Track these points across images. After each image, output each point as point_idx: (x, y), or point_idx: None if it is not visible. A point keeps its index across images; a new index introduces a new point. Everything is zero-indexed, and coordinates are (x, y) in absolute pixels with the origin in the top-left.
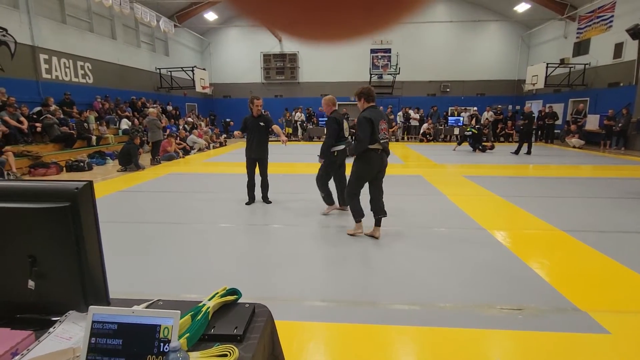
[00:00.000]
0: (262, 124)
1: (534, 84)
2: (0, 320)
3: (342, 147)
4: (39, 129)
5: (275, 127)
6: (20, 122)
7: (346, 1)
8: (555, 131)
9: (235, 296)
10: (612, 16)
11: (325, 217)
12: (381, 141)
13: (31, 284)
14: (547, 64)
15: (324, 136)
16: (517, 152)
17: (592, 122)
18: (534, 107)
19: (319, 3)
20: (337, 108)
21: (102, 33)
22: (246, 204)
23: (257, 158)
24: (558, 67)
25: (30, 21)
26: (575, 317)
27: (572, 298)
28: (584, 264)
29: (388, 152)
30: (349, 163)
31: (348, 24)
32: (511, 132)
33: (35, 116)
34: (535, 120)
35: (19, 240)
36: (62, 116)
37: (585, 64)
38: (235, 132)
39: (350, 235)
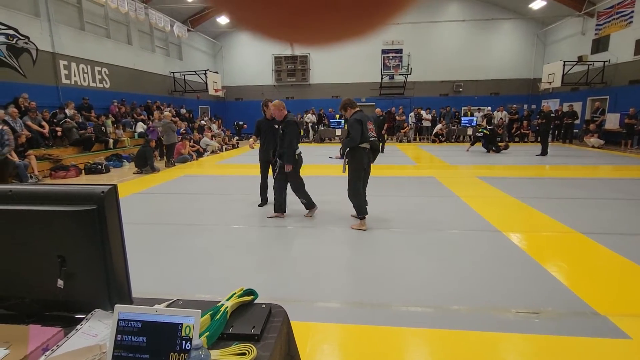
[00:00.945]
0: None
1: (550, 83)
2: (32, 317)
3: (299, 150)
4: (59, 133)
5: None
6: (42, 127)
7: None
8: (574, 130)
9: (252, 296)
10: (633, 12)
11: (337, 219)
12: (370, 139)
13: (60, 283)
14: (564, 61)
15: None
16: (543, 153)
17: (612, 121)
18: (551, 106)
19: (314, 6)
20: (287, 112)
21: (118, 39)
22: (259, 205)
23: (269, 160)
24: (576, 64)
25: (50, 29)
26: (594, 321)
27: (591, 302)
28: (603, 267)
29: (378, 149)
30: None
31: (346, 24)
32: (527, 132)
33: (55, 121)
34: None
35: (49, 241)
36: (80, 120)
37: (604, 61)
38: (250, 140)
39: (355, 229)
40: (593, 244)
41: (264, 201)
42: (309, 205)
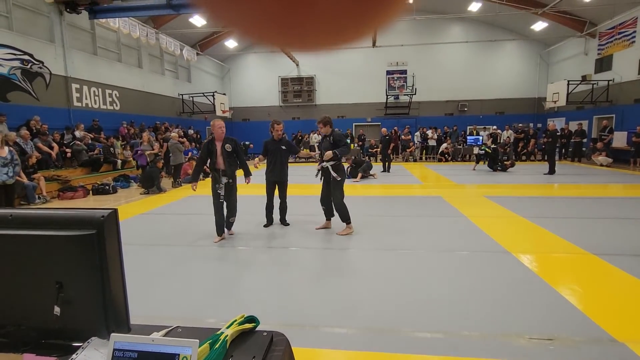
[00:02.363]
0: (283, 147)
1: (555, 102)
2: (27, 345)
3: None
4: (68, 155)
5: (303, 153)
6: (51, 148)
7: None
8: (582, 149)
9: (253, 324)
10: (635, 32)
11: (344, 240)
12: None
13: (57, 310)
14: (569, 81)
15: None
16: (551, 172)
17: (620, 139)
18: (557, 125)
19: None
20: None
21: (129, 63)
22: (264, 226)
23: (277, 180)
24: (580, 84)
25: (64, 54)
26: (612, 349)
27: (608, 328)
28: (619, 290)
29: None
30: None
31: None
32: (533, 150)
33: (65, 142)
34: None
35: (47, 266)
36: (90, 142)
37: (608, 80)
38: (256, 160)
39: (343, 235)
40: (607, 265)
41: (270, 222)
42: (227, 227)
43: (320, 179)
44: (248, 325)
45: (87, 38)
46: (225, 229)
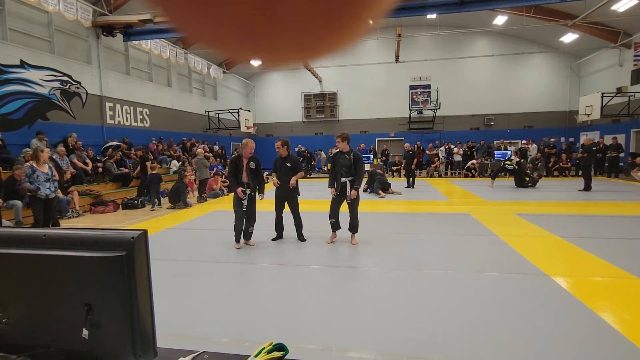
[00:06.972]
0: (288, 164)
1: (588, 115)
2: None
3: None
4: (100, 170)
5: (296, 176)
6: (86, 164)
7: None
8: (619, 164)
9: (282, 352)
10: None
11: (367, 259)
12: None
13: (85, 333)
14: (603, 93)
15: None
16: (587, 188)
17: None
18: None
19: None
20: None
21: (159, 82)
22: (272, 239)
23: (284, 196)
24: (615, 96)
25: (100, 74)
26: None
27: None
28: None
29: None
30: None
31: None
32: (566, 166)
33: (103, 159)
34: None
35: (77, 288)
36: (120, 158)
37: None
38: (274, 179)
39: (355, 244)
40: None
41: (279, 235)
42: (246, 237)
43: (339, 194)
44: (277, 354)
45: (120, 59)
46: (243, 239)
